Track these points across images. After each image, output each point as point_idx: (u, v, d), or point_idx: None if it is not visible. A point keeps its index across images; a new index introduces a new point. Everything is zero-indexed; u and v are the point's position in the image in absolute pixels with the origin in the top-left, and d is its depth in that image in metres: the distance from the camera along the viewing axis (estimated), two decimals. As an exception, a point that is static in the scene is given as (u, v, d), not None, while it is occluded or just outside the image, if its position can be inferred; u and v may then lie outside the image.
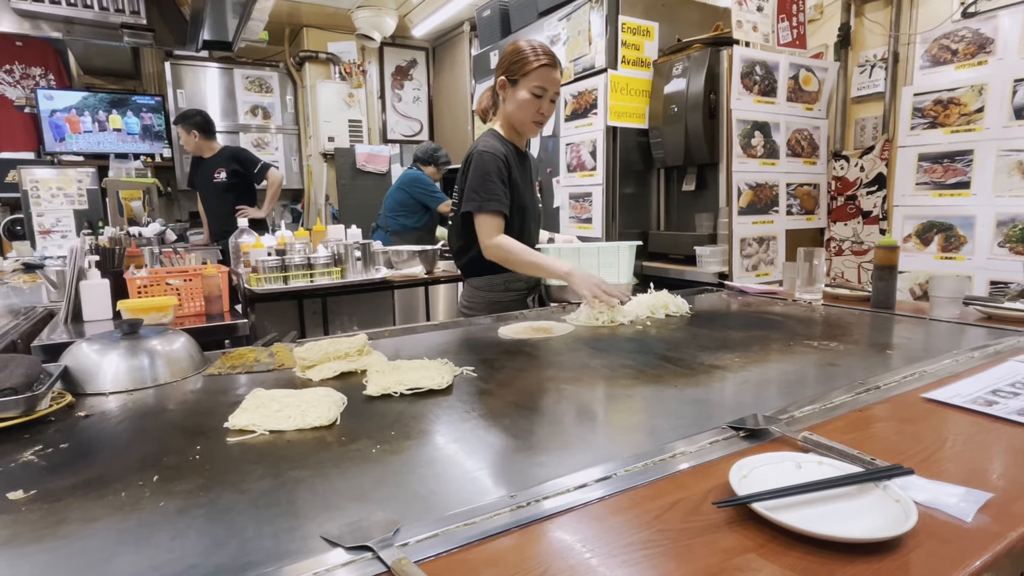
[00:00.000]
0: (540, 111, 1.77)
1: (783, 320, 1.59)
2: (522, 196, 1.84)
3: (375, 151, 5.39)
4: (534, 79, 1.73)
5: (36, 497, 0.68)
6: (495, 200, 1.73)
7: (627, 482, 0.68)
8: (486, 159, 1.75)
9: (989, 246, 2.36)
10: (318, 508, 0.65)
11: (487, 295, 1.88)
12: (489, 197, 1.73)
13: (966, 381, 1.02)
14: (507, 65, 1.76)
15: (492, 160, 1.75)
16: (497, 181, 1.74)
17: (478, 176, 1.74)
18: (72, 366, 1.09)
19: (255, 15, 2.98)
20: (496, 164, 1.75)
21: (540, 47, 1.75)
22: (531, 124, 1.80)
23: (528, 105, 1.76)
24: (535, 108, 1.76)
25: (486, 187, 1.73)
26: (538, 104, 1.76)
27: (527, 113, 1.77)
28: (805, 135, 2.83)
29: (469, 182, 1.76)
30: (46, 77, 5.05)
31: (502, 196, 1.75)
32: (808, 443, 0.75)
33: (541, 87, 1.74)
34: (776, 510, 0.58)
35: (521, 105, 1.76)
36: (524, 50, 1.74)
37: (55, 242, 4.63)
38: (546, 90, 1.75)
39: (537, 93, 1.74)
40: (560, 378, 1.10)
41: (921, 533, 0.56)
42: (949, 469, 0.71)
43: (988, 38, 2.33)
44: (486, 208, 1.73)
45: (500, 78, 1.78)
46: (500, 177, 1.75)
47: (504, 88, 1.79)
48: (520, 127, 1.83)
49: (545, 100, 1.76)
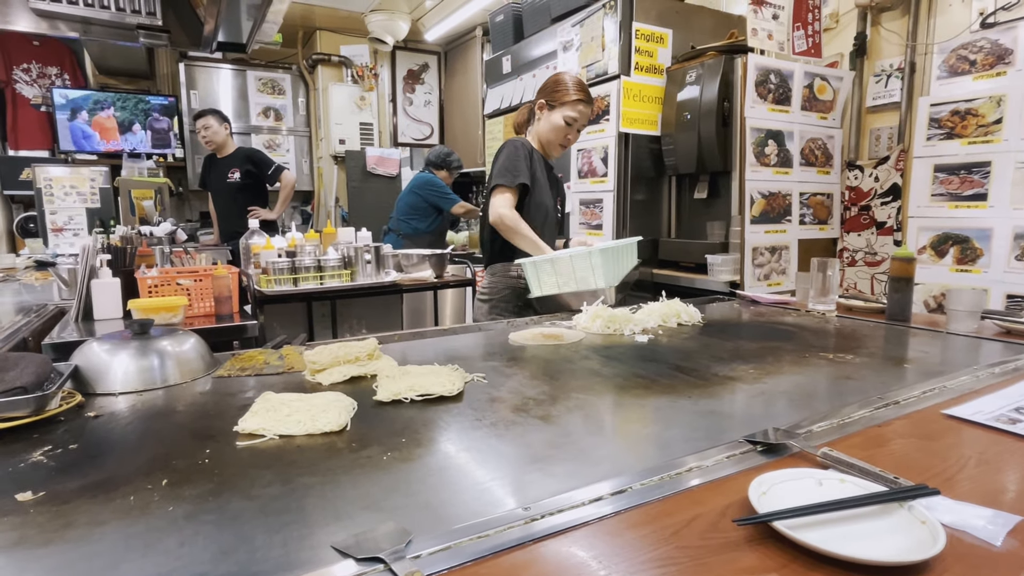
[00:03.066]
0: (567, 137, 2.02)
1: (796, 331, 1.57)
2: (543, 195, 2.03)
3: (386, 154, 5.40)
4: (569, 109, 1.97)
5: (44, 499, 0.67)
6: (523, 176, 1.94)
7: (642, 496, 0.67)
8: (518, 145, 1.99)
9: (1006, 259, 2.32)
10: (328, 516, 0.64)
11: (504, 280, 2.02)
12: (518, 174, 1.93)
13: (988, 398, 1.00)
14: (550, 91, 2.01)
15: (523, 146, 1.99)
16: (524, 165, 1.96)
17: (509, 157, 1.96)
18: (82, 365, 1.09)
19: (269, 17, 2.99)
20: (525, 151, 1.98)
21: (580, 83, 2.00)
22: (557, 146, 2.05)
23: (559, 130, 2.00)
24: (564, 133, 2.01)
25: (516, 166, 1.94)
26: (567, 131, 2.00)
27: (556, 136, 2.01)
28: (819, 144, 2.81)
29: (502, 162, 1.96)
30: (61, 76, 5.10)
31: (519, 173, 1.94)
32: (828, 459, 0.73)
33: (573, 118, 1.98)
34: (798, 529, 0.57)
35: (554, 127, 2.00)
36: (567, 83, 1.99)
37: (67, 240, 4.67)
38: (576, 120, 1.99)
39: (569, 122, 1.99)
40: (572, 387, 1.09)
41: (949, 557, 0.55)
42: (974, 489, 0.69)
43: (1007, 49, 2.31)
44: (516, 182, 1.92)
45: (540, 100, 2.03)
46: (527, 162, 1.97)
47: (542, 109, 2.03)
48: (547, 146, 2.06)
49: (573, 129, 2.01)
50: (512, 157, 1.96)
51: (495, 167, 1.98)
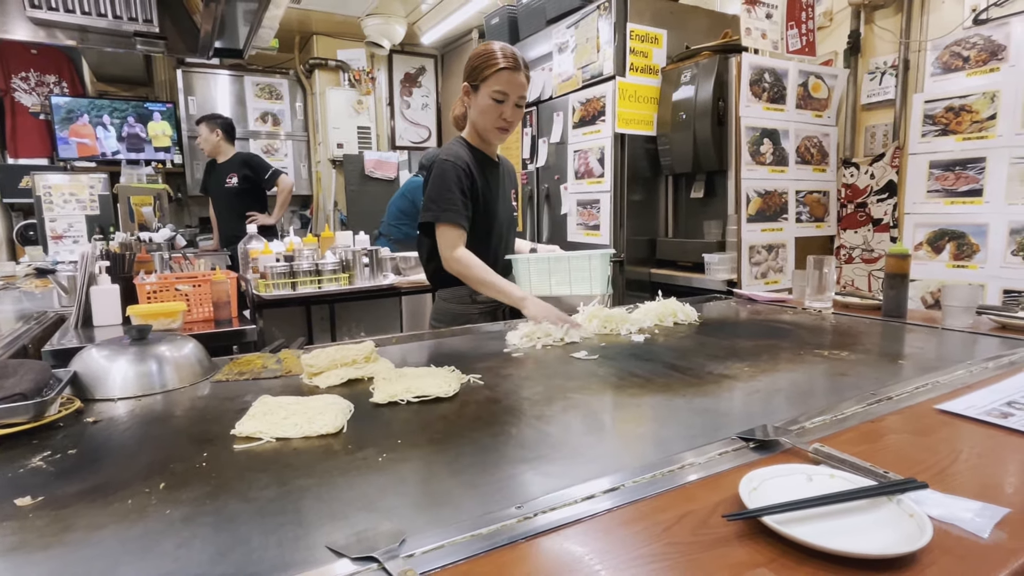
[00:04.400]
0: (503, 117, 1.68)
1: (792, 329, 1.58)
2: (490, 204, 1.78)
3: (384, 157, 5.42)
4: (494, 83, 1.64)
5: (43, 504, 0.68)
6: (452, 211, 1.66)
7: (635, 493, 0.67)
8: (446, 168, 1.69)
9: (1002, 254, 2.33)
10: (324, 517, 0.64)
11: (453, 307, 1.80)
12: (446, 207, 1.67)
13: (980, 392, 1.01)
14: (469, 70, 1.68)
15: (452, 169, 1.68)
16: (456, 191, 1.67)
17: (436, 186, 1.68)
18: (81, 371, 1.10)
19: (265, 23, 3.00)
20: (456, 173, 1.68)
21: (503, 50, 1.66)
22: (495, 131, 1.71)
23: (489, 111, 1.67)
24: (497, 114, 1.67)
25: (444, 197, 1.67)
26: (499, 109, 1.67)
27: (489, 119, 1.69)
28: (815, 142, 2.82)
29: (428, 191, 1.71)
30: (60, 84, 5.12)
31: (460, 207, 1.67)
32: (819, 455, 0.74)
33: (502, 92, 1.64)
34: (787, 524, 0.57)
35: (483, 111, 1.68)
36: (483, 54, 1.66)
37: (67, 247, 4.68)
38: (507, 95, 1.65)
39: (498, 98, 1.65)
40: (567, 387, 1.09)
41: (936, 549, 0.55)
42: (964, 483, 0.69)
43: (1000, 45, 2.32)
44: (443, 219, 1.67)
45: (464, 83, 1.71)
46: (460, 187, 1.68)
47: (468, 94, 1.70)
48: (484, 134, 1.75)
49: (508, 105, 1.66)
50: (438, 187, 1.68)
51: (427, 193, 1.72)
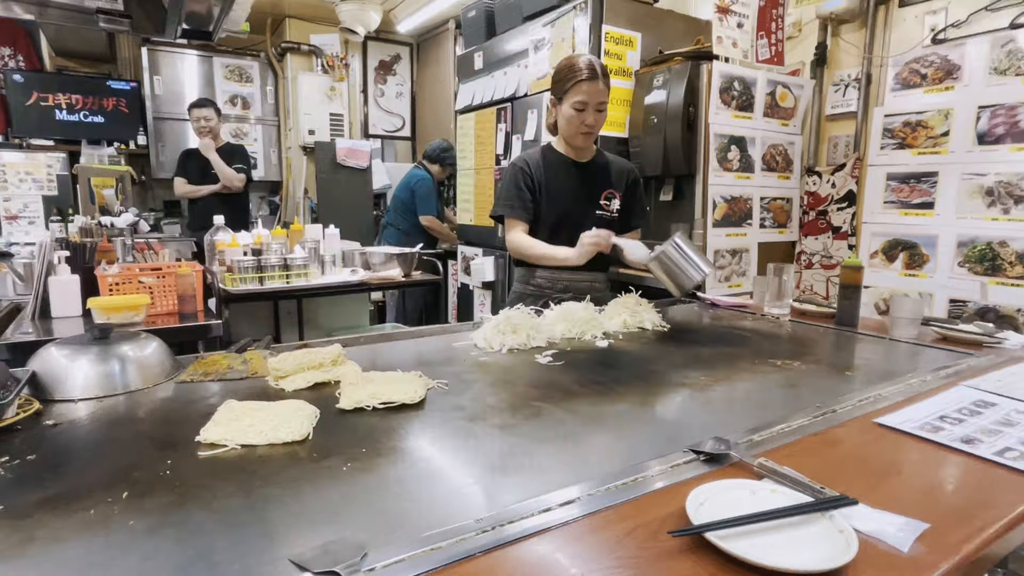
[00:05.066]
0: (584, 123, 1.87)
1: (751, 336, 1.64)
2: (562, 201, 1.97)
3: (356, 146, 5.34)
4: (574, 95, 1.84)
5: (3, 513, 0.68)
6: (508, 205, 1.95)
7: (590, 506, 0.71)
8: (510, 168, 1.98)
9: (950, 265, 2.45)
10: (288, 528, 0.66)
11: (518, 287, 2.03)
12: (504, 202, 1.96)
13: (917, 406, 1.07)
14: (553, 85, 1.90)
15: (512, 168, 1.97)
16: (513, 188, 1.94)
17: (502, 184, 2.00)
18: (40, 371, 1.08)
19: (237, 5, 2.93)
20: (514, 171, 1.96)
21: (581, 62, 1.84)
22: (578, 136, 1.90)
23: (572, 119, 1.87)
24: (578, 121, 1.86)
25: (505, 192, 1.96)
26: (580, 117, 1.86)
27: (572, 127, 1.88)
28: (780, 150, 2.90)
29: (497, 190, 2.00)
30: (15, 58, 4.90)
31: (515, 201, 1.94)
32: (763, 469, 0.78)
33: (582, 102, 1.83)
34: (728, 539, 0.61)
35: (567, 120, 1.88)
36: (566, 67, 1.85)
37: (22, 228, 4.52)
38: (587, 103, 1.84)
39: (578, 108, 1.85)
40: (530, 395, 1.12)
41: (861, 563, 0.60)
42: (894, 497, 0.75)
43: (955, 64, 2.42)
44: (501, 211, 1.97)
45: (551, 98, 1.93)
46: (518, 183, 1.94)
47: (554, 106, 1.93)
48: (570, 140, 1.95)
49: (589, 112, 1.85)
50: (504, 185, 1.97)
51: None
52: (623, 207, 2.03)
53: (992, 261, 2.32)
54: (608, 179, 2.02)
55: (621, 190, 2.03)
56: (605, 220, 2.00)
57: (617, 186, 2.02)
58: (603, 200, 2.01)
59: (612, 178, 2.02)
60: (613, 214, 2.02)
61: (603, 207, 2.01)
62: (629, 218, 2.06)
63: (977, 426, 0.96)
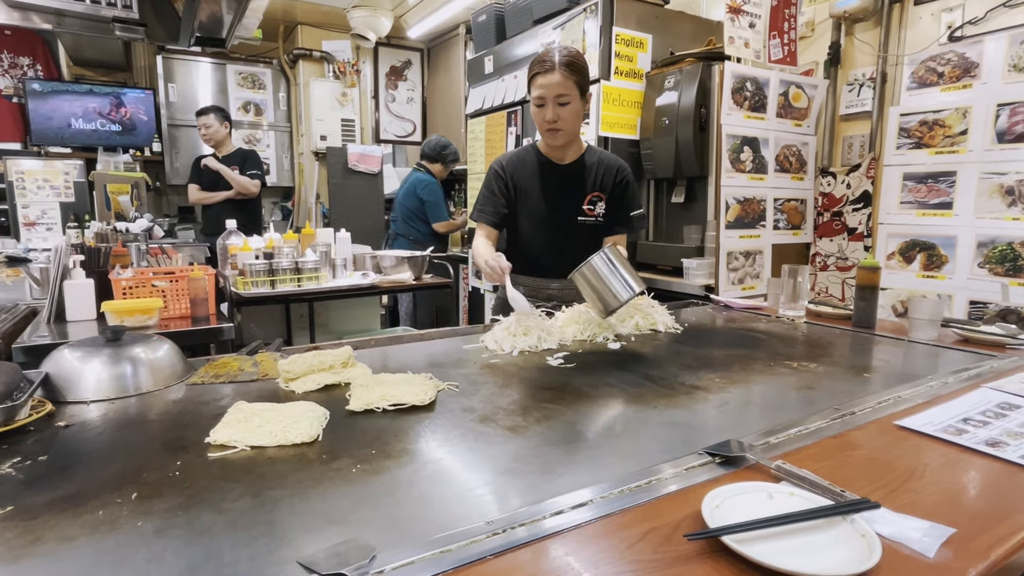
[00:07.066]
0: (544, 120, 1.75)
1: (765, 338, 1.62)
2: (537, 205, 1.88)
3: (367, 151, 5.37)
4: (533, 90, 1.74)
5: (13, 514, 0.68)
6: (477, 208, 1.91)
7: (603, 509, 0.69)
8: (490, 172, 1.92)
9: (970, 266, 2.40)
10: (296, 530, 0.65)
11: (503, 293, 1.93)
12: (476, 205, 1.93)
13: (940, 408, 1.04)
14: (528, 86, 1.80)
15: (489, 170, 1.92)
16: (486, 190, 1.90)
17: (481, 190, 1.93)
18: (53, 373, 1.09)
19: (249, 12, 2.96)
20: (490, 173, 1.91)
21: (544, 54, 1.73)
22: (545, 133, 1.80)
23: (536, 116, 1.77)
24: (540, 118, 1.76)
25: (479, 195, 1.93)
26: (542, 113, 1.74)
27: (537, 123, 1.79)
28: (793, 151, 2.86)
29: None
30: (34, 67, 4.99)
31: (485, 204, 1.89)
32: (781, 472, 0.76)
33: (540, 96, 1.72)
34: (746, 543, 0.60)
35: (534, 118, 1.79)
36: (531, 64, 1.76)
37: (40, 235, 4.58)
38: (544, 98, 1.71)
39: (538, 103, 1.74)
40: (542, 396, 1.11)
41: (884, 568, 0.58)
42: (916, 501, 0.73)
43: (973, 62, 2.37)
44: (473, 216, 1.94)
45: None
46: (491, 187, 1.89)
47: None
48: (544, 140, 1.85)
49: (548, 107, 1.71)
50: (481, 188, 1.92)
51: None
52: (608, 210, 1.90)
53: (1013, 262, 2.27)
54: (593, 181, 1.88)
55: (607, 192, 1.89)
56: (587, 226, 1.89)
57: (603, 188, 1.88)
58: (586, 205, 1.87)
59: (598, 180, 1.88)
60: (597, 219, 1.89)
61: (585, 212, 1.87)
62: (612, 223, 1.91)
63: (1002, 428, 0.93)
